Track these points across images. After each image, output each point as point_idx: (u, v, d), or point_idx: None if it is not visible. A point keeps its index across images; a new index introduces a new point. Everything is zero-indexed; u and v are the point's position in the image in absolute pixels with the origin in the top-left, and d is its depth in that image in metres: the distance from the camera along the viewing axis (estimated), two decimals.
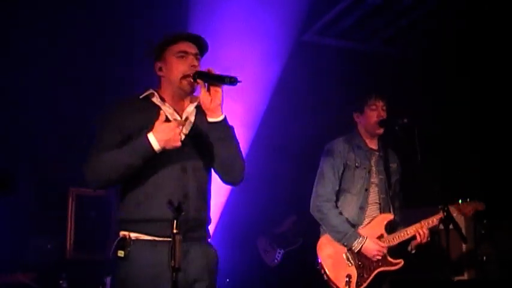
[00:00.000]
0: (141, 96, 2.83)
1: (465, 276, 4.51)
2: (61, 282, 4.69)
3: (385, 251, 3.88)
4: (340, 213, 3.98)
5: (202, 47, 2.91)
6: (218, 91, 2.72)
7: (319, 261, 4.00)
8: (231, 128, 2.83)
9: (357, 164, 4.04)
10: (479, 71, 5.12)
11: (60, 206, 5.20)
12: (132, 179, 2.69)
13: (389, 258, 3.91)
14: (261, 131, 5.81)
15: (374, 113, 4.04)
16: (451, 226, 3.43)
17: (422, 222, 3.89)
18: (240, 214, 5.88)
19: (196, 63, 2.81)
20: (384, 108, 4.07)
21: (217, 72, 2.73)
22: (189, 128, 2.84)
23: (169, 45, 2.83)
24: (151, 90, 2.84)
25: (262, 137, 5.86)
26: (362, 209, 4.00)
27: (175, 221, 2.36)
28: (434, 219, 3.85)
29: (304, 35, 5.59)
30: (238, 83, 2.69)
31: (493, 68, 5.01)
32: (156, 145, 2.59)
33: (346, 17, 5.28)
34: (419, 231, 3.86)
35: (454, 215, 3.83)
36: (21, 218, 5.10)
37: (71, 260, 5.17)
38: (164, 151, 2.63)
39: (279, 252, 5.80)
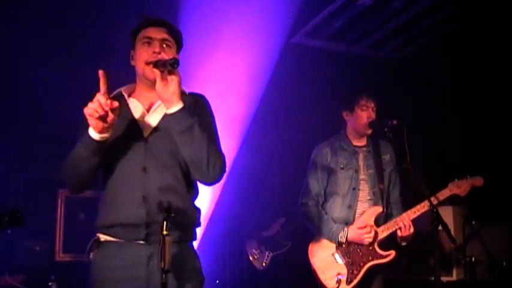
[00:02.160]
0: (111, 95, 2.55)
1: (454, 277, 4.53)
2: (50, 284, 4.67)
3: (370, 231, 3.90)
4: (325, 214, 4.05)
5: (174, 33, 2.67)
6: (173, 78, 2.41)
7: (312, 266, 4.04)
8: (193, 120, 2.48)
9: (341, 166, 4.09)
10: (467, 73, 5.16)
11: (49, 208, 5.17)
12: (105, 183, 2.59)
13: (379, 251, 3.94)
14: (249, 133, 5.81)
15: (364, 114, 4.07)
16: (440, 227, 3.45)
17: (405, 213, 3.92)
18: (228, 217, 5.88)
19: (158, 49, 2.55)
20: (375, 109, 4.10)
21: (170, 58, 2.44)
22: (155, 123, 2.59)
23: (139, 31, 2.65)
24: (119, 89, 2.67)
25: (251, 140, 5.86)
26: (350, 207, 4.04)
27: (164, 222, 2.29)
28: (417, 210, 3.88)
29: (293, 38, 5.60)
30: (176, 65, 2.39)
31: (481, 70, 5.05)
32: (93, 134, 2.38)
33: (335, 19, 5.29)
34: (400, 223, 3.89)
35: (453, 192, 3.88)
36: None
37: (60, 261, 5.14)
38: (125, 147, 2.52)
39: (268, 256, 5.79)
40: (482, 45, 5.02)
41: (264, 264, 5.78)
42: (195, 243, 2.78)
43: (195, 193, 2.70)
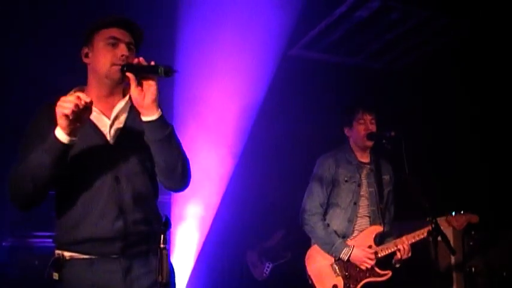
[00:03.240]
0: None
1: None
2: None
3: (373, 257, 3.91)
4: (328, 225, 4.04)
5: (137, 37, 2.51)
6: (152, 84, 2.31)
7: (308, 273, 4.04)
8: (170, 127, 2.40)
9: (346, 179, 4.09)
10: (464, 83, 5.18)
11: (47, 223, 5.15)
12: (65, 196, 2.38)
13: (377, 269, 3.94)
14: (248, 144, 5.82)
15: (362, 127, 4.09)
16: (439, 238, 3.45)
17: (405, 237, 3.92)
18: (229, 228, 5.87)
19: (126, 52, 2.41)
20: (373, 121, 4.11)
21: (151, 63, 2.32)
22: (119, 129, 2.47)
23: (100, 29, 2.45)
24: (72, 91, 2.46)
25: (250, 151, 5.86)
26: (350, 221, 4.04)
27: (162, 235, 2.20)
28: (416, 236, 3.88)
29: (291, 50, 5.62)
30: (173, 73, 2.29)
31: (479, 80, 5.08)
32: (57, 131, 2.19)
33: (332, 31, 5.31)
34: (400, 246, 3.89)
35: (446, 226, 3.88)
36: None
37: None
38: (91, 158, 2.35)
39: (268, 266, 5.78)
40: (475, 55, 5.05)
41: (264, 274, 5.77)
42: (194, 254, 2.73)
43: (157, 198, 2.62)
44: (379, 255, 3.94)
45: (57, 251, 2.40)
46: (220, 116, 5.29)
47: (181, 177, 2.47)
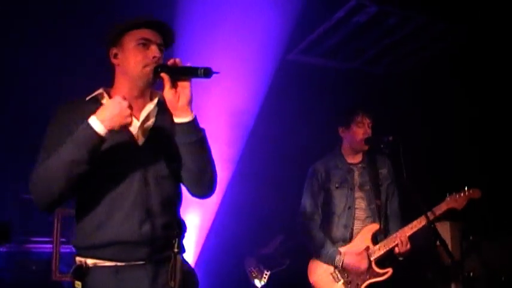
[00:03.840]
0: (87, 98, 2.41)
1: None
2: None
3: (365, 261, 3.89)
4: (322, 234, 4.04)
5: (168, 38, 2.50)
6: (186, 86, 2.28)
7: (311, 284, 4.04)
8: (202, 131, 2.38)
9: (336, 185, 4.09)
10: (463, 87, 5.19)
11: (45, 227, 5.15)
12: (88, 197, 2.31)
13: (376, 269, 3.92)
14: (246, 150, 5.81)
15: (360, 130, 4.07)
16: (437, 242, 3.45)
17: (401, 230, 3.91)
18: (226, 235, 5.85)
19: (158, 54, 2.38)
20: (370, 125, 4.10)
21: (186, 64, 2.31)
22: (148, 130, 2.43)
23: (130, 30, 2.41)
24: (100, 90, 2.44)
25: (247, 157, 5.85)
26: (346, 226, 4.03)
27: (176, 240, 2.21)
28: (414, 226, 3.87)
29: (289, 54, 5.63)
30: (213, 75, 2.27)
31: (477, 85, 5.09)
32: (100, 128, 2.16)
33: (330, 36, 5.33)
34: (397, 240, 3.87)
35: (450, 206, 3.86)
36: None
37: (56, 281, 5.10)
38: (119, 158, 2.29)
39: (266, 273, 5.76)
40: (473, 59, 5.06)
41: (262, 282, 5.75)
42: (192, 261, 2.72)
43: (181, 203, 2.58)
44: (376, 255, 3.92)
45: (78, 258, 2.32)
46: (217, 120, 5.28)
47: (209, 183, 2.44)
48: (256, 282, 5.75)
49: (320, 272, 4.03)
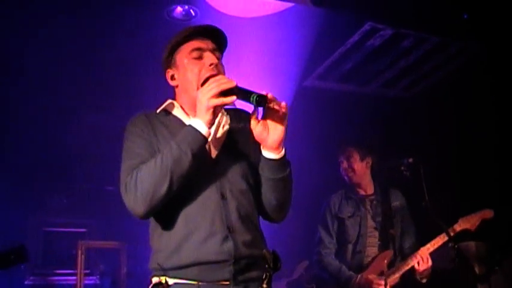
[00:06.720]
0: (158, 110, 2.32)
1: None
2: None
3: (380, 282, 3.87)
4: (337, 261, 4.12)
5: (220, 42, 2.34)
6: (279, 128, 2.13)
7: None
8: (289, 168, 2.26)
9: (349, 215, 4.20)
10: (479, 109, 5.16)
11: (69, 260, 5.19)
12: (164, 216, 2.17)
13: None
14: None
15: (342, 170, 4.36)
16: (460, 263, 3.42)
17: (421, 249, 3.91)
18: None
19: (215, 60, 2.24)
20: (351, 159, 4.29)
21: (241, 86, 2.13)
22: (221, 142, 2.28)
23: (179, 46, 2.29)
24: (169, 101, 2.34)
25: None
26: (360, 253, 4.10)
27: (267, 275, 2.11)
28: (435, 243, 3.86)
29: (306, 81, 5.66)
30: (266, 105, 2.09)
31: (493, 105, 5.06)
32: (196, 123, 2.06)
33: (346, 61, 5.35)
34: (418, 257, 3.87)
35: (463, 227, 3.84)
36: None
37: None
38: (194, 172, 2.09)
39: None
40: (490, 79, 5.03)
41: None
42: None
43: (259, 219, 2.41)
44: (394, 277, 3.91)
45: (154, 279, 2.17)
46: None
47: (284, 214, 2.38)
48: None
49: None
